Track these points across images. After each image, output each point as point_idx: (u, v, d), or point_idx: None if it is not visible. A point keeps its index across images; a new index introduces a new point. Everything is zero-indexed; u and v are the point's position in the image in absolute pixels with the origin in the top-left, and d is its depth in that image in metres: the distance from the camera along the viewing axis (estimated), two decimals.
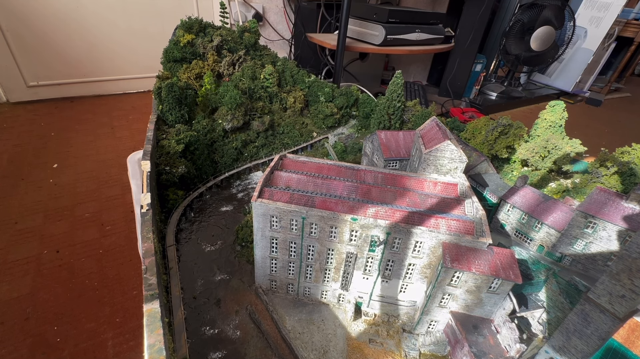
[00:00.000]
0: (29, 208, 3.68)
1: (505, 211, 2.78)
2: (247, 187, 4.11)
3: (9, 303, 2.73)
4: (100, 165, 4.54)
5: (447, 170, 2.64)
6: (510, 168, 3.50)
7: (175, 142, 3.61)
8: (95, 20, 5.95)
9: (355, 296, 2.60)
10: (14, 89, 5.78)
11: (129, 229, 3.52)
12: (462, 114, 6.23)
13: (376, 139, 3.34)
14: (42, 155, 4.60)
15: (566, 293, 2.27)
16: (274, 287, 2.74)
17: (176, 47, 4.60)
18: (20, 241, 3.28)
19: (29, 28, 5.51)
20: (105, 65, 6.41)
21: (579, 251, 2.39)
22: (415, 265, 2.35)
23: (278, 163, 2.70)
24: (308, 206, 2.25)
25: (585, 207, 2.31)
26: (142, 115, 5.99)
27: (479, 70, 7.40)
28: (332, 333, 2.49)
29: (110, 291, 2.91)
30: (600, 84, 9.41)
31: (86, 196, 3.95)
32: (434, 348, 2.41)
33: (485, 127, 3.60)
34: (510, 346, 2.16)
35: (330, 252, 2.43)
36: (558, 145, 3.16)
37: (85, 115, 5.80)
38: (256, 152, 4.45)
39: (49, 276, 2.97)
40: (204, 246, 3.21)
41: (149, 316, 1.78)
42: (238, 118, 4.21)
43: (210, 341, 2.42)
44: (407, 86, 7.04)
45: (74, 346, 2.50)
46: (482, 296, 2.21)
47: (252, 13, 6.96)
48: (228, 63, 4.68)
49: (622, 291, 1.55)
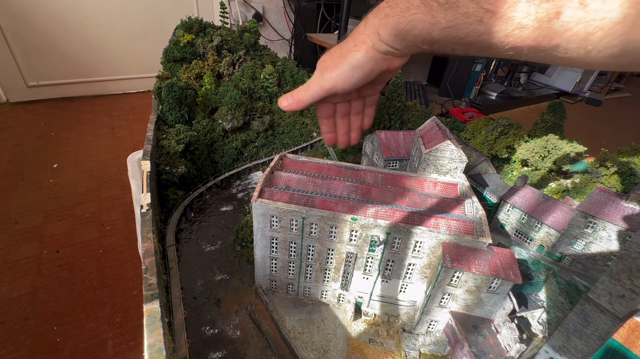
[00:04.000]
0: (29, 208, 3.68)
1: (505, 211, 2.78)
2: (247, 187, 4.11)
3: (9, 303, 2.72)
4: (100, 165, 4.54)
5: (447, 170, 2.64)
6: (510, 168, 3.50)
7: (175, 142, 3.61)
8: (96, 20, 5.95)
9: (355, 296, 2.60)
10: (14, 89, 5.78)
11: (129, 229, 3.52)
12: (462, 114, 6.23)
13: (376, 139, 3.34)
14: (42, 155, 4.60)
15: (566, 293, 2.27)
16: (274, 287, 2.74)
17: (176, 47, 4.60)
18: (20, 241, 3.28)
19: (29, 28, 5.51)
20: (105, 65, 6.41)
21: (579, 251, 2.39)
22: (415, 265, 2.35)
23: (278, 163, 2.70)
24: (308, 206, 2.25)
25: (585, 207, 2.31)
26: (142, 115, 5.98)
27: (479, 70, 7.40)
28: (332, 333, 2.49)
29: (110, 291, 2.91)
30: (600, 84, 9.40)
31: (86, 196, 3.95)
32: (434, 347, 2.41)
33: (485, 127, 3.60)
34: (510, 346, 2.16)
35: (330, 252, 2.43)
36: (558, 145, 3.16)
37: (85, 115, 5.80)
38: (256, 152, 4.45)
39: (49, 276, 2.97)
40: (204, 246, 3.21)
41: (149, 316, 1.78)
42: (238, 118, 4.20)
43: (210, 341, 2.42)
44: (407, 86, 7.04)
45: (74, 346, 2.50)
46: (482, 296, 2.21)
47: (252, 13, 6.96)
48: (228, 64, 4.68)
49: (622, 291, 1.55)
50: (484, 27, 0.57)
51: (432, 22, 0.63)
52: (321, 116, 1.02)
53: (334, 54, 0.85)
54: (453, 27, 0.61)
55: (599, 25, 0.46)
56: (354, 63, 0.80)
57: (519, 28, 0.53)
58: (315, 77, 0.86)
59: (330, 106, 1.00)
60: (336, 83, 0.83)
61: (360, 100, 1.03)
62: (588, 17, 0.46)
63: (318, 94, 0.87)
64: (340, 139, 1.08)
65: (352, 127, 1.07)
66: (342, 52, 0.83)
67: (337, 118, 1.04)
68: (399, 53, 0.78)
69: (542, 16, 0.50)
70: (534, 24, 0.51)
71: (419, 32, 0.67)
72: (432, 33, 0.65)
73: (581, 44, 0.49)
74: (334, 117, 1.04)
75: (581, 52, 0.50)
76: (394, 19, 0.70)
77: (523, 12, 0.52)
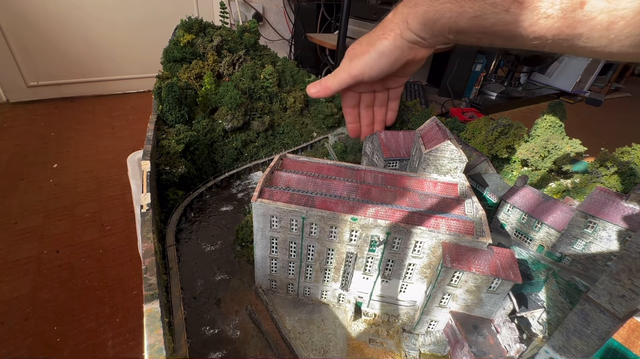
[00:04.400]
0: (29, 208, 3.69)
1: (505, 211, 2.78)
2: (247, 187, 4.11)
3: (9, 303, 2.73)
4: (100, 165, 4.54)
5: (447, 170, 2.64)
6: (510, 168, 3.50)
7: (175, 142, 3.61)
8: (96, 20, 5.95)
9: (355, 296, 2.60)
10: (14, 89, 5.78)
11: (129, 229, 3.52)
12: (462, 114, 6.23)
13: (376, 139, 3.34)
14: (42, 155, 4.60)
15: (566, 293, 2.27)
16: (274, 287, 2.74)
17: (176, 47, 4.60)
18: (20, 241, 3.28)
19: (29, 28, 5.51)
20: (105, 65, 6.41)
21: (579, 251, 2.39)
22: (415, 265, 2.35)
23: (278, 163, 2.70)
24: (308, 206, 2.25)
25: (585, 207, 2.31)
26: (142, 115, 5.99)
27: (479, 70, 7.40)
28: (332, 333, 2.49)
29: (110, 291, 2.91)
30: (600, 84, 9.40)
31: (86, 196, 3.95)
32: (434, 347, 2.41)
33: (485, 127, 3.59)
34: (510, 346, 2.16)
35: (330, 252, 2.43)
36: (558, 145, 3.16)
37: (85, 115, 5.81)
38: (256, 152, 4.45)
39: (49, 276, 2.98)
40: (204, 246, 3.21)
41: (149, 316, 1.78)
42: (238, 118, 4.20)
43: (210, 341, 2.42)
44: (407, 86, 7.04)
45: (74, 346, 2.50)
46: (482, 296, 2.21)
47: (252, 13, 6.96)
48: (228, 64, 4.68)
49: (622, 291, 1.55)
50: (511, 17, 0.57)
51: (460, 12, 0.64)
52: (346, 105, 1.04)
53: (362, 41, 0.86)
54: (480, 16, 0.61)
55: (621, 14, 0.46)
56: (381, 50, 0.81)
57: (544, 17, 0.53)
58: (344, 64, 0.88)
59: (356, 95, 1.01)
60: (364, 70, 0.84)
61: (384, 92, 1.05)
62: (610, 7, 0.47)
63: (346, 81, 0.88)
64: (364, 130, 1.10)
65: (375, 119, 1.09)
66: (370, 40, 0.83)
67: (361, 109, 1.05)
68: (425, 43, 0.79)
69: (566, 6, 0.51)
70: (558, 13, 0.52)
71: (446, 21, 0.67)
72: (460, 22, 0.65)
73: (604, 32, 0.49)
74: (358, 108, 1.05)
75: (603, 42, 0.50)
76: (423, 7, 0.70)
77: (549, 2, 0.52)
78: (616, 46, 0.51)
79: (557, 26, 0.54)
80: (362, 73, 0.88)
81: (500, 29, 0.62)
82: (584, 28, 0.51)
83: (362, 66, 0.87)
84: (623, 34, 0.48)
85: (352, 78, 0.90)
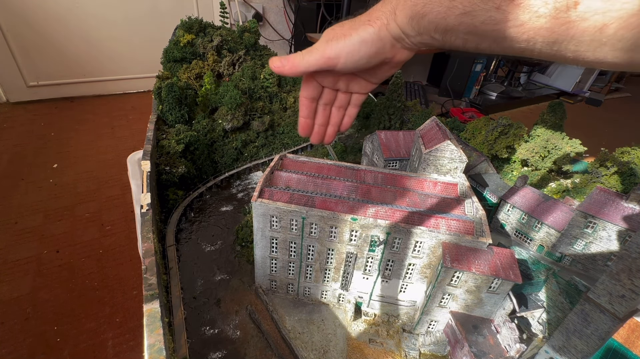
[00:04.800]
0: (29, 208, 3.68)
1: (505, 211, 2.78)
2: (247, 187, 4.11)
3: (9, 303, 2.72)
4: (100, 165, 4.54)
5: (447, 170, 2.64)
6: (510, 168, 3.50)
7: (175, 142, 3.61)
8: (96, 20, 5.95)
9: (355, 296, 2.60)
10: (14, 89, 5.78)
11: (129, 229, 3.52)
12: (462, 114, 6.23)
13: (376, 139, 3.34)
14: (42, 155, 4.60)
15: (566, 293, 2.27)
16: (274, 287, 2.74)
17: (176, 47, 4.60)
18: (20, 241, 3.28)
19: (29, 28, 5.51)
20: (105, 65, 6.41)
21: (579, 251, 2.39)
22: (415, 265, 2.35)
23: (278, 163, 2.70)
24: (308, 206, 2.25)
25: (585, 207, 2.31)
26: (142, 115, 5.98)
27: (479, 70, 7.39)
28: (332, 333, 2.49)
29: (110, 291, 2.91)
30: (600, 84, 9.39)
31: (86, 196, 3.95)
32: (434, 347, 2.41)
33: (485, 127, 3.60)
34: (510, 346, 2.16)
35: (330, 252, 2.43)
36: (558, 145, 3.16)
37: (85, 115, 5.80)
38: (256, 152, 4.45)
39: (49, 276, 2.97)
40: (204, 246, 3.21)
41: (149, 316, 1.78)
42: (238, 118, 4.20)
43: (210, 341, 2.42)
44: (407, 86, 7.04)
45: (74, 346, 2.50)
46: (482, 296, 2.21)
47: (252, 13, 6.96)
48: (228, 64, 4.68)
49: (622, 291, 1.55)
50: (501, 15, 0.57)
51: (449, 7, 0.63)
52: (305, 95, 0.98)
53: (344, 24, 0.83)
54: (469, 12, 0.61)
55: (616, 16, 0.46)
56: (364, 37, 0.79)
57: (535, 17, 0.53)
58: (319, 43, 0.83)
59: (318, 87, 0.97)
60: (340, 54, 0.80)
61: (346, 95, 1.01)
62: (605, 8, 0.46)
63: (318, 62, 0.83)
64: (316, 129, 1.04)
65: (331, 121, 1.04)
66: (353, 24, 0.81)
67: (319, 104, 1.00)
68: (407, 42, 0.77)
69: (560, 5, 0.50)
70: (551, 12, 0.51)
71: (434, 16, 0.67)
72: (448, 19, 0.65)
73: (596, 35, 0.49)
74: (316, 103, 1.01)
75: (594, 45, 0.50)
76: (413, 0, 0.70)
77: (541, 1, 0.52)
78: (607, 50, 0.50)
79: (548, 27, 0.53)
80: (337, 57, 0.84)
81: (489, 28, 0.61)
82: (576, 29, 0.51)
83: (339, 49, 0.83)
84: (616, 37, 0.48)
85: (325, 60, 0.84)
